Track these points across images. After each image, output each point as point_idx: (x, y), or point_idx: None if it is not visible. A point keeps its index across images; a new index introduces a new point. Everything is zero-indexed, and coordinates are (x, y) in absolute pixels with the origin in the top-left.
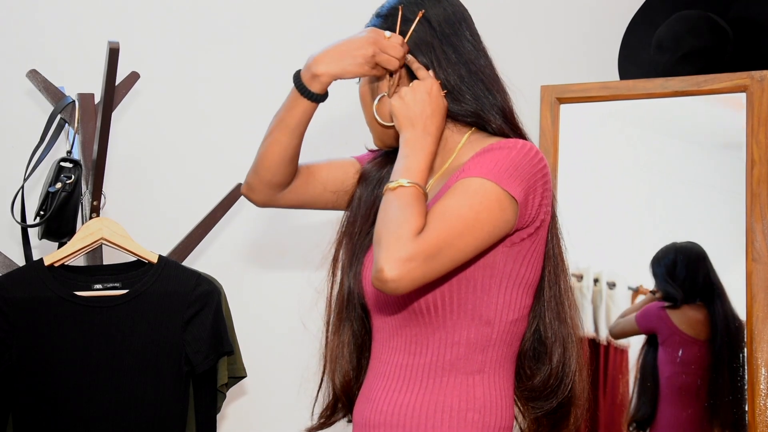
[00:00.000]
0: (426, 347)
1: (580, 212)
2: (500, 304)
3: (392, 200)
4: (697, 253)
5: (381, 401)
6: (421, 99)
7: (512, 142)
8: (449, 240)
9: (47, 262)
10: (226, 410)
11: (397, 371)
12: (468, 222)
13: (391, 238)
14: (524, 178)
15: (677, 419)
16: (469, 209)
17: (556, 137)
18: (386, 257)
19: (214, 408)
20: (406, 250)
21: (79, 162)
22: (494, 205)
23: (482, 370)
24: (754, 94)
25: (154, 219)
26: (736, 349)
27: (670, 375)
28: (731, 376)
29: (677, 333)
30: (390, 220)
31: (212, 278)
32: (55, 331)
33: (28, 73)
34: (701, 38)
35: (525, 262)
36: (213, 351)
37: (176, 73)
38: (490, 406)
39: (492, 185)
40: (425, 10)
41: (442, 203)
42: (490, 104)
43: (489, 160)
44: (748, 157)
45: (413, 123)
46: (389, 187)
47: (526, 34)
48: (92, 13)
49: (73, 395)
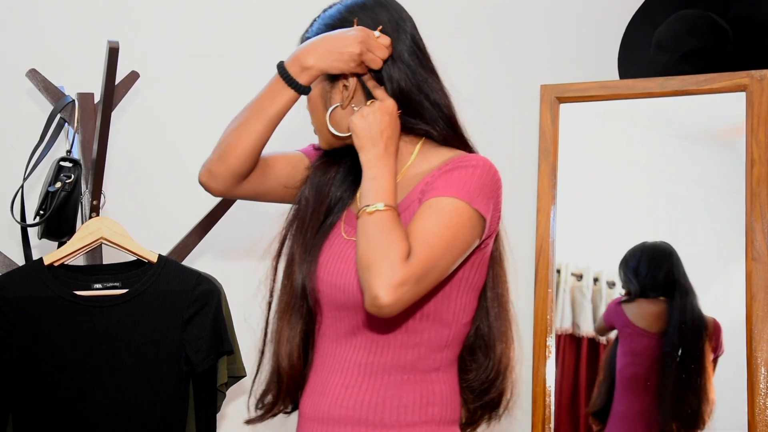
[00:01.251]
0: (387, 347)
1: (579, 212)
2: (457, 308)
3: (373, 224)
4: (663, 251)
5: (340, 396)
6: (381, 120)
7: (475, 160)
8: (434, 261)
9: (47, 262)
10: (226, 410)
11: (356, 368)
12: (448, 242)
13: (382, 265)
14: (489, 196)
15: (629, 410)
16: (447, 230)
17: (555, 137)
18: (380, 284)
19: (214, 407)
20: (398, 276)
21: (78, 161)
22: (467, 224)
23: (440, 368)
24: (754, 94)
25: (154, 219)
26: (692, 343)
27: (622, 367)
28: (678, 370)
29: (629, 325)
30: (376, 245)
31: (212, 278)
32: (55, 331)
33: (28, 73)
34: (701, 38)
35: (475, 267)
36: (213, 350)
37: (176, 73)
38: (448, 401)
39: (464, 205)
40: (379, 23)
41: (422, 225)
42: (437, 116)
43: (457, 179)
44: (748, 156)
45: (375, 143)
46: (367, 211)
47: (526, 34)
48: (92, 13)
49: (73, 395)
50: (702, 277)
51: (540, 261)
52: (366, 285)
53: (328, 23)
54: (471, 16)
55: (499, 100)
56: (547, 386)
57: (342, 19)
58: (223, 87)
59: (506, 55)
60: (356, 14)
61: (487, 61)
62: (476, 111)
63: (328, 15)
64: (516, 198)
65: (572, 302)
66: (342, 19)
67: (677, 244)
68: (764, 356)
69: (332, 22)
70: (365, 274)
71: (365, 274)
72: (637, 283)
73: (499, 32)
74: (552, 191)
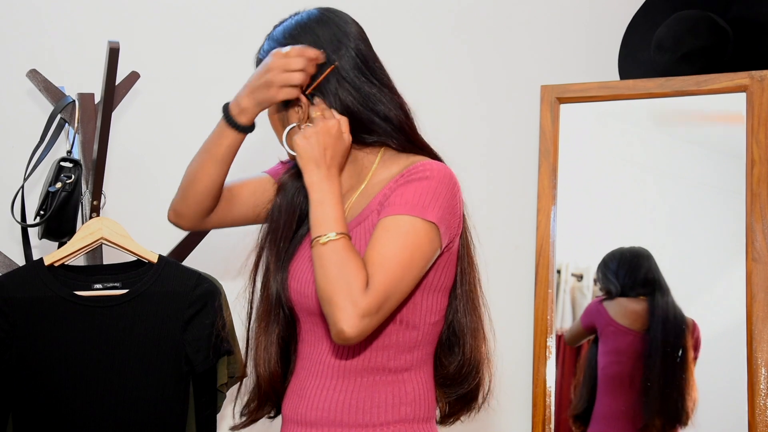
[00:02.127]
0: (357, 351)
1: (579, 212)
2: (423, 310)
3: (328, 256)
4: (640, 253)
5: (316, 398)
6: (324, 140)
7: (429, 170)
8: (393, 286)
9: (47, 262)
10: (226, 410)
11: (330, 371)
12: (406, 264)
13: (344, 300)
14: (443, 205)
15: (612, 408)
16: (403, 251)
17: (556, 137)
18: (343, 318)
19: (214, 408)
20: (361, 308)
21: (79, 162)
22: (424, 241)
23: (410, 368)
24: (754, 94)
25: (154, 219)
26: (675, 340)
27: (604, 365)
28: (664, 366)
29: (612, 324)
30: (335, 278)
31: (212, 278)
32: (55, 331)
33: (28, 73)
34: (701, 38)
35: (440, 269)
36: (213, 351)
37: (176, 73)
38: (420, 400)
39: (420, 222)
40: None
41: (379, 250)
42: (389, 129)
43: (411, 194)
44: (748, 156)
45: (318, 164)
46: (320, 242)
47: (526, 34)
48: (92, 13)
49: (73, 395)
50: (702, 277)
51: (540, 261)
52: (330, 319)
53: (277, 40)
54: (471, 17)
55: (500, 101)
56: (547, 386)
57: (290, 38)
58: (223, 87)
59: (506, 55)
60: (295, 37)
61: (487, 62)
62: (476, 111)
63: (275, 34)
64: (516, 198)
65: (572, 302)
66: (289, 38)
67: (677, 244)
68: (764, 356)
69: (277, 43)
70: (327, 308)
71: (327, 308)
72: (617, 283)
73: (499, 33)
74: (552, 191)
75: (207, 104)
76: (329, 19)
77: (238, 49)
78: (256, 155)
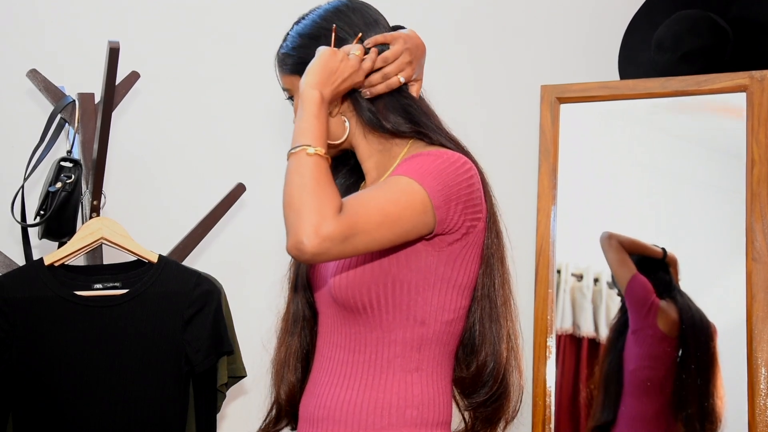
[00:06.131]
0: (364, 345)
1: (579, 212)
2: (434, 306)
3: (310, 167)
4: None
5: (324, 396)
6: (351, 67)
7: (442, 152)
8: (366, 227)
9: (47, 262)
10: (226, 410)
11: (338, 367)
12: (388, 215)
13: (312, 212)
14: (446, 185)
15: (639, 411)
16: (392, 204)
17: (556, 137)
18: (307, 230)
19: (214, 408)
20: (327, 229)
21: (79, 162)
22: (417, 206)
23: (419, 368)
24: (754, 94)
25: (154, 219)
26: (704, 344)
27: (635, 368)
28: (696, 372)
29: (654, 328)
30: (311, 190)
31: (212, 278)
32: (55, 331)
33: (28, 73)
34: (701, 38)
35: (457, 265)
36: (213, 351)
37: (176, 73)
38: (428, 403)
39: (418, 187)
40: (357, 30)
41: (368, 193)
42: (422, 117)
43: (417, 163)
44: (748, 156)
45: (331, 82)
46: (307, 151)
47: (526, 34)
48: (92, 13)
49: (73, 395)
50: (702, 277)
51: (540, 261)
52: (292, 227)
53: (303, 33)
54: (471, 17)
55: (500, 101)
56: (547, 386)
57: (319, 27)
58: (223, 87)
59: (506, 55)
60: (332, 21)
61: (487, 62)
62: (476, 111)
63: (303, 26)
64: (516, 198)
65: (572, 302)
66: (319, 27)
67: (677, 244)
68: (764, 356)
69: (309, 31)
70: (292, 215)
71: (292, 215)
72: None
73: (499, 33)
74: (552, 191)
75: (207, 104)
76: (359, 5)
77: (238, 48)
78: None
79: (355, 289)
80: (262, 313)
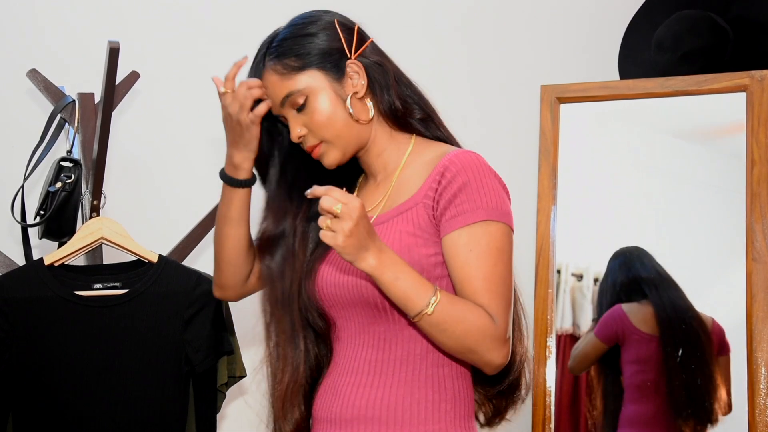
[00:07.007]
0: (396, 343)
1: (579, 212)
2: None
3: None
4: (641, 251)
5: (352, 396)
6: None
7: (476, 166)
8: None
9: (47, 262)
10: (226, 410)
11: (366, 366)
12: (507, 277)
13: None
14: (505, 200)
15: (639, 413)
16: (503, 266)
17: (556, 137)
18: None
19: (214, 408)
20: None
21: (79, 161)
22: (510, 244)
23: (449, 362)
24: (754, 94)
25: (154, 218)
26: (685, 340)
27: (630, 374)
28: (681, 368)
29: (636, 332)
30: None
31: (212, 278)
32: (55, 331)
33: (29, 73)
34: (701, 38)
35: None
36: (213, 351)
37: (176, 73)
38: (460, 396)
39: (500, 226)
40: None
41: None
42: (425, 112)
43: (480, 197)
44: (748, 156)
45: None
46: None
47: (526, 34)
48: (92, 13)
49: (73, 395)
50: (702, 277)
51: (540, 261)
52: (480, 361)
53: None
54: (471, 17)
55: (499, 100)
56: (547, 386)
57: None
58: None
59: (506, 55)
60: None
61: (487, 61)
62: (476, 111)
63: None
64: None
65: (572, 302)
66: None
67: (677, 244)
68: (764, 356)
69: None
70: (474, 357)
71: (474, 357)
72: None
73: (499, 32)
74: (552, 191)
75: (207, 104)
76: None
77: (239, 49)
78: None
79: (381, 290)
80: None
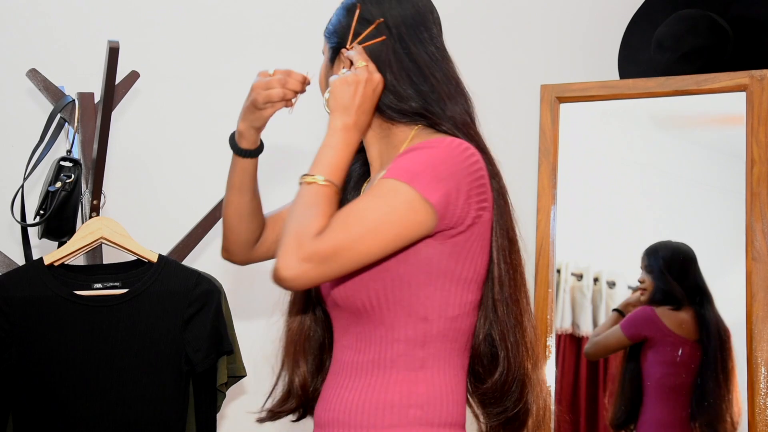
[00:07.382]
0: (369, 344)
1: (579, 212)
2: (437, 301)
3: (304, 195)
4: (690, 256)
5: (332, 400)
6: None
7: (438, 141)
8: (348, 243)
9: (47, 262)
10: (226, 410)
11: (346, 369)
12: (371, 226)
13: (292, 237)
14: (443, 178)
15: (663, 416)
16: (374, 212)
17: (556, 136)
18: (284, 256)
19: (214, 407)
20: (303, 252)
21: (79, 161)
22: (404, 207)
23: (424, 366)
24: (754, 94)
25: (154, 218)
26: (725, 350)
27: (660, 376)
28: (717, 377)
29: (670, 334)
30: (297, 217)
31: (212, 277)
32: (55, 331)
33: (28, 72)
34: (701, 37)
35: (461, 258)
36: (213, 350)
37: (176, 73)
38: (433, 402)
39: (405, 188)
40: (383, 11)
41: (351, 205)
42: (427, 101)
43: (408, 161)
44: (748, 156)
45: (347, 111)
46: (306, 180)
47: (526, 34)
48: (92, 13)
49: (72, 394)
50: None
51: (540, 261)
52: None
53: (343, 3)
54: (471, 17)
55: (499, 100)
56: (547, 386)
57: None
58: (223, 87)
59: (506, 55)
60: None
61: (487, 61)
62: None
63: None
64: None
65: (572, 302)
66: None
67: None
68: (764, 356)
69: (345, 3)
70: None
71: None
72: (662, 286)
73: (500, 32)
74: (552, 191)
75: (207, 104)
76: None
77: (239, 48)
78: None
79: (354, 288)
80: (262, 313)
